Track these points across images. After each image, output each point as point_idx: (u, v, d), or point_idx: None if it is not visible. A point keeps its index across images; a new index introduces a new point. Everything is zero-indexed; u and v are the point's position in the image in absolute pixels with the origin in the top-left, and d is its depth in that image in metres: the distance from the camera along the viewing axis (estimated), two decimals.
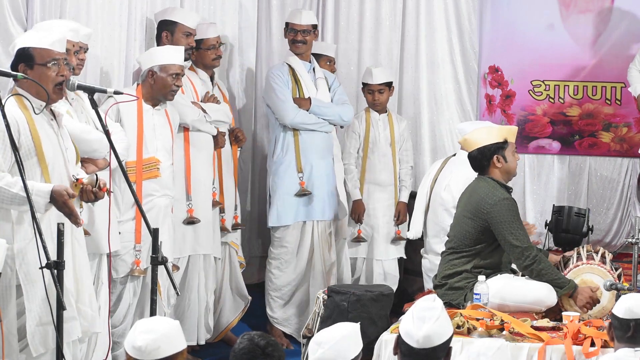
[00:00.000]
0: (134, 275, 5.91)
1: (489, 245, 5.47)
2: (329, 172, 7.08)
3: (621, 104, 8.02)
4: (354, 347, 3.58)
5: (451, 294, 5.48)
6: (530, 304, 5.37)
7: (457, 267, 5.49)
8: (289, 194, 6.93)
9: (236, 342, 3.56)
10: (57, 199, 4.34)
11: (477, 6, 8.12)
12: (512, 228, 5.36)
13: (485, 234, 5.45)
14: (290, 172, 6.95)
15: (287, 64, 7.04)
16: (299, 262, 7.00)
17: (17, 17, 5.53)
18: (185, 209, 6.39)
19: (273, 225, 6.99)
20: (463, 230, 5.52)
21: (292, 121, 6.89)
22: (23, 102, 4.47)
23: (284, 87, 6.93)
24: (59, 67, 4.55)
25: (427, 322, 3.45)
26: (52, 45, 4.55)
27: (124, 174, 4.57)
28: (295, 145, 6.95)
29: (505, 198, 5.43)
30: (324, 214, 7.02)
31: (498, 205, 5.39)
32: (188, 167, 6.42)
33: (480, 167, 5.60)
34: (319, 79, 7.11)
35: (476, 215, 5.45)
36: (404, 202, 7.41)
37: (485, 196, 5.44)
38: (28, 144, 4.43)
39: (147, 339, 3.43)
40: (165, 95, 6.02)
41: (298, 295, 7.04)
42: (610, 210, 8.07)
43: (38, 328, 4.42)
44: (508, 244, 5.37)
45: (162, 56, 6.02)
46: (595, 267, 5.46)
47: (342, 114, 7.07)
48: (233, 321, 6.95)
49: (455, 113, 8.16)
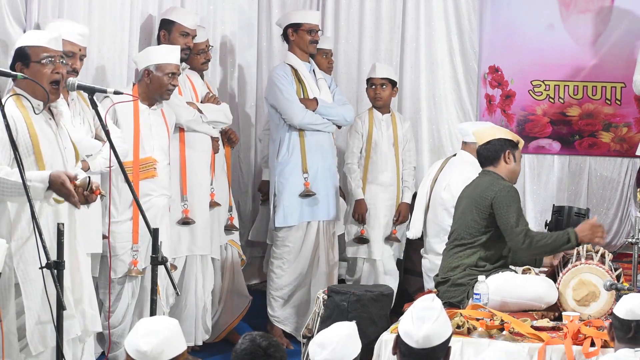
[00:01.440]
0: (132, 275, 5.91)
1: (493, 234, 5.51)
2: (332, 172, 7.09)
3: (621, 104, 8.01)
4: (356, 347, 3.59)
5: (453, 291, 5.49)
6: (530, 301, 5.39)
7: (462, 259, 5.51)
8: (294, 195, 6.93)
9: (238, 343, 3.56)
10: (54, 182, 4.32)
11: (477, 6, 8.12)
12: (510, 209, 5.42)
13: (490, 221, 5.49)
14: (295, 172, 6.94)
15: (289, 64, 7.03)
16: (302, 262, 7.00)
17: (15, 17, 5.52)
18: (181, 210, 6.38)
19: (279, 226, 6.99)
20: (467, 220, 5.56)
21: (301, 122, 6.89)
22: (21, 102, 4.47)
23: (290, 87, 6.92)
24: (54, 64, 4.54)
25: (427, 322, 3.45)
26: (47, 42, 4.55)
27: (124, 174, 4.56)
28: (301, 146, 6.94)
29: (508, 185, 5.53)
30: (329, 213, 7.03)
31: (502, 191, 5.47)
32: (183, 168, 6.40)
33: (490, 160, 5.66)
34: (320, 80, 7.10)
35: (481, 203, 5.50)
36: (406, 203, 7.40)
37: (490, 184, 5.54)
38: (26, 142, 4.42)
39: (151, 344, 3.43)
40: (162, 94, 6.01)
41: (299, 294, 7.03)
42: (610, 210, 8.07)
43: (37, 327, 4.42)
44: (509, 227, 5.41)
45: (158, 55, 6.01)
46: (594, 267, 5.46)
47: (345, 114, 7.08)
48: (234, 321, 6.95)
49: (455, 113, 8.16)
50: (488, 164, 5.67)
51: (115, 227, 5.83)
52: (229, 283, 6.94)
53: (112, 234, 5.80)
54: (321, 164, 6.99)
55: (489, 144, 5.66)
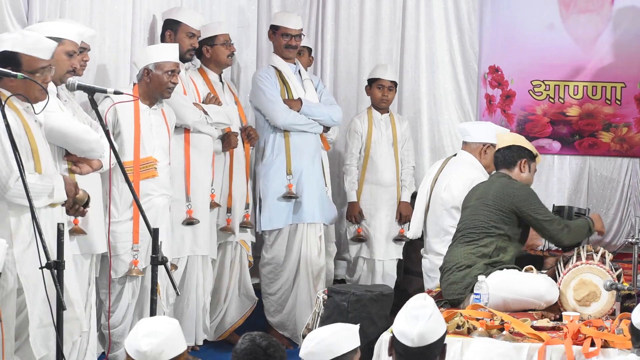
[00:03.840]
0: (132, 275, 5.91)
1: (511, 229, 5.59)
2: (319, 175, 7.05)
3: (621, 104, 8.01)
4: (345, 344, 3.61)
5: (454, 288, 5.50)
6: (531, 298, 5.40)
7: (474, 255, 5.51)
8: (279, 197, 6.91)
9: (237, 343, 3.56)
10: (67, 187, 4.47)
11: (477, 6, 8.12)
12: (540, 207, 5.61)
13: (509, 217, 5.56)
14: (280, 174, 6.92)
15: (273, 66, 7.02)
16: (290, 265, 6.99)
17: (17, 16, 5.51)
18: (185, 210, 6.39)
19: (265, 229, 6.98)
20: (480, 217, 5.58)
21: (284, 122, 6.87)
22: (13, 104, 4.44)
23: (273, 89, 6.90)
24: (44, 75, 4.50)
25: (421, 320, 3.47)
26: (42, 54, 4.48)
27: (124, 174, 4.56)
28: (286, 147, 6.93)
29: (525, 185, 5.68)
30: (314, 216, 6.98)
31: (523, 189, 5.61)
32: (188, 168, 6.41)
33: (506, 163, 5.76)
34: (305, 80, 7.09)
35: (500, 201, 5.56)
36: (406, 202, 7.40)
37: (509, 182, 5.65)
38: (25, 146, 4.41)
39: (152, 344, 3.43)
40: (162, 93, 6.00)
41: (292, 299, 7.02)
42: (610, 210, 8.07)
43: (39, 330, 4.42)
44: (537, 220, 5.59)
45: (156, 54, 6.00)
46: (595, 267, 5.46)
47: (331, 114, 7.06)
48: (238, 321, 6.95)
49: (455, 113, 8.16)
50: (503, 167, 5.76)
51: (115, 227, 5.83)
52: (237, 282, 6.94)
53: (113, 233, 5.80)
54: (307, 165, 6.95)
55: (509, 148, 5.77)
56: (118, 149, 5.23)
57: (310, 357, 3.63)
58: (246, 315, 6.99)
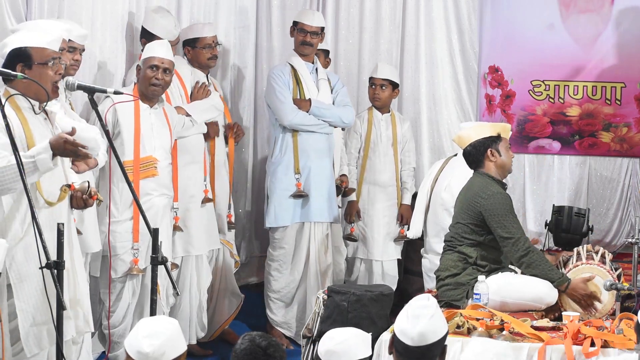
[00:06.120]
0: (133, 274, 5.90)
1: (485, 239, 5.50)
2: (328, 174, 7.05)
3: (621, 104, 8.01)
4: (363, 350, 3.66)
5: (451, 290, 5.50)
6: (530, 301, 5.39)
7: (462, 262, 5.50)
8: (286, 195, 6.92)
9: (237, 343, 3.57)
10: (57, 145, 4.26)
11: (477, 6, 8.12)
12: (505, 221, 5.42)
13: (481, 227, 5.48)
14: (288, 172, 6.93)
15: (290, 64, 7.03)
16: (297, 263, 6.99)
17: (16, 16, 5.52)
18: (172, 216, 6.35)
19: (271, 226, 6.98)
20: (460, 222, 5.56)
21: (291, 122, 6.88)
22: (16, 102, 4.45)
23: (284, 88, 6.92)
24: (56, 65, 4.54)
25: (422, 320, 3.47)
26: (49, 44, 4.53)
27: (124, 174, 4.55)
28: (294, 146, 6.93)
29: (498, 192, 5.49)
30: (322, 215, 6.99)
31: (491, 198, 5.45)
32: (175, 175, 6.33)
33: (475, 162, 5.65)
34: (321, 80, 7.08)
35: (471, 209, 5.50)
36: (407, 205, 7.39)
37: (479, 190, 5.51)
38: (22, 143, 4.41)
39: (154, 345, 3.43)
40: (146, 88, 5.96)
41: (297, 297, 7.02)
42: (610, 210, 8.07)
43: (32, 328, 4.38)
44: (500, 237, 5.43)
45: (147, 51, 6.02)
46: (595, 267, 5.47)
47: (342, 116, 7.05)
48: (228, 320, 6.94)
49: (455, 113, 8.15)
50: (474, 167, 5.69)
51: (115, 226, 5.83)
52: (221, 282, 6.93)
53: (113, 233, 5.80)
54: (315, 165, 6.95)
55: (467, 149, 5.67)
56: (118, 149, 5.23)
57: (328, 356, 3.69)
58: (234, 314, 6.97)
